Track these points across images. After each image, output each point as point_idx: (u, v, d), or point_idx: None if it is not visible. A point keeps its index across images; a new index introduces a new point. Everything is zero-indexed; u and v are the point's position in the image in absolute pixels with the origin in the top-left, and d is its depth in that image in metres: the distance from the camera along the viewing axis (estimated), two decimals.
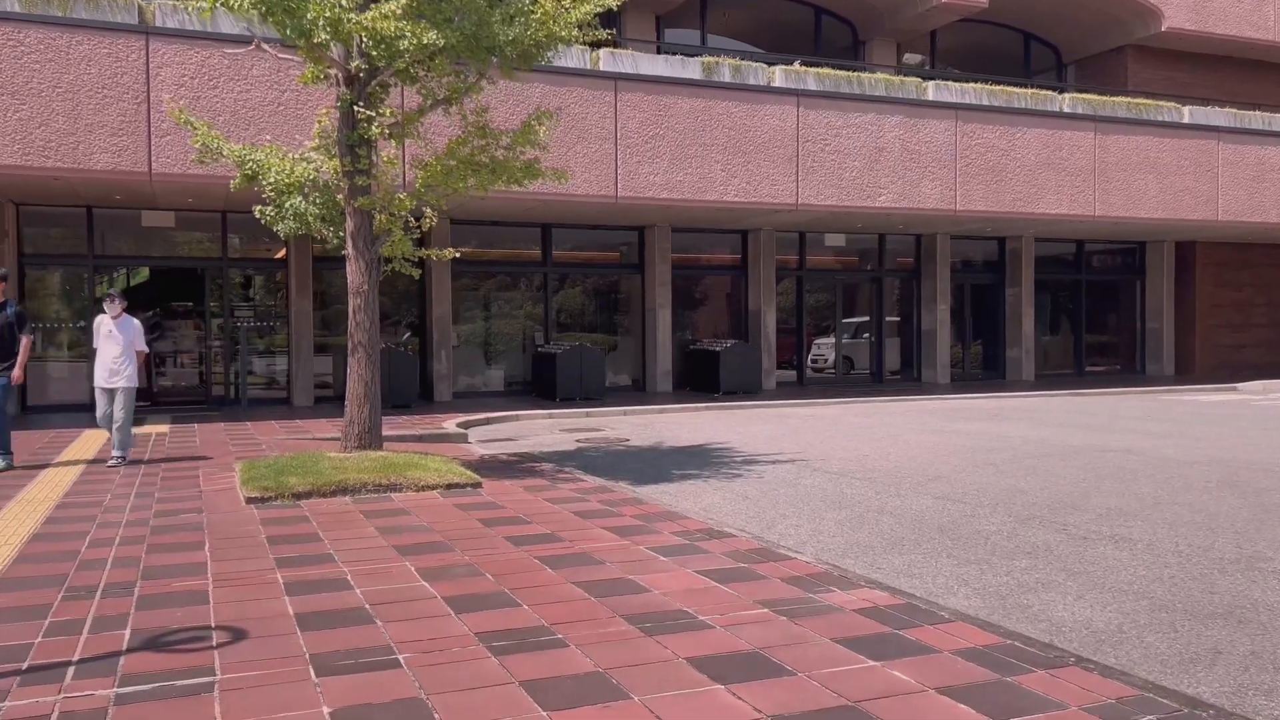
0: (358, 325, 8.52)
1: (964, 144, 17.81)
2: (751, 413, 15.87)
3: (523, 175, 9.14)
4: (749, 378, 18.41)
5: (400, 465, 8.02)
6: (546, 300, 18.63)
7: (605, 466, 10.06)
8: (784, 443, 11.90)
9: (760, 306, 19.61)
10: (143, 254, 16.73)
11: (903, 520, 7.29)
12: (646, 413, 15.88)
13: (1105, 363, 24.32)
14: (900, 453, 10.91)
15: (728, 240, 20.06)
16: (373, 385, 8.58)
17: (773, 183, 16.40)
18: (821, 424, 14.05)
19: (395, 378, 15.91)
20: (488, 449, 11.59)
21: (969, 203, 17.85)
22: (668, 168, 15.69)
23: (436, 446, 11.47)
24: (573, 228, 18.61)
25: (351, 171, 8.41)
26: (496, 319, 18.97)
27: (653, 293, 18.87)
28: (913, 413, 15.65)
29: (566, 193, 15.06)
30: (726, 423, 14.37)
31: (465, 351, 18.54)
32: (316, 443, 11.31)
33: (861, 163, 17.04)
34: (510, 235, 18.64)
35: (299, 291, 16.42)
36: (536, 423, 14.78)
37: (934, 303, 21.27)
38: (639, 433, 13.22)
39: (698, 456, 10.80)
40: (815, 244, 20.74)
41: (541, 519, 6.83)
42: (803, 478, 9.25)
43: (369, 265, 8.55)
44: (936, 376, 21.22)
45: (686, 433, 13.11)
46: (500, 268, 19.00)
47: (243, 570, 5.45)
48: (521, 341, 19.01)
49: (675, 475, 9.43)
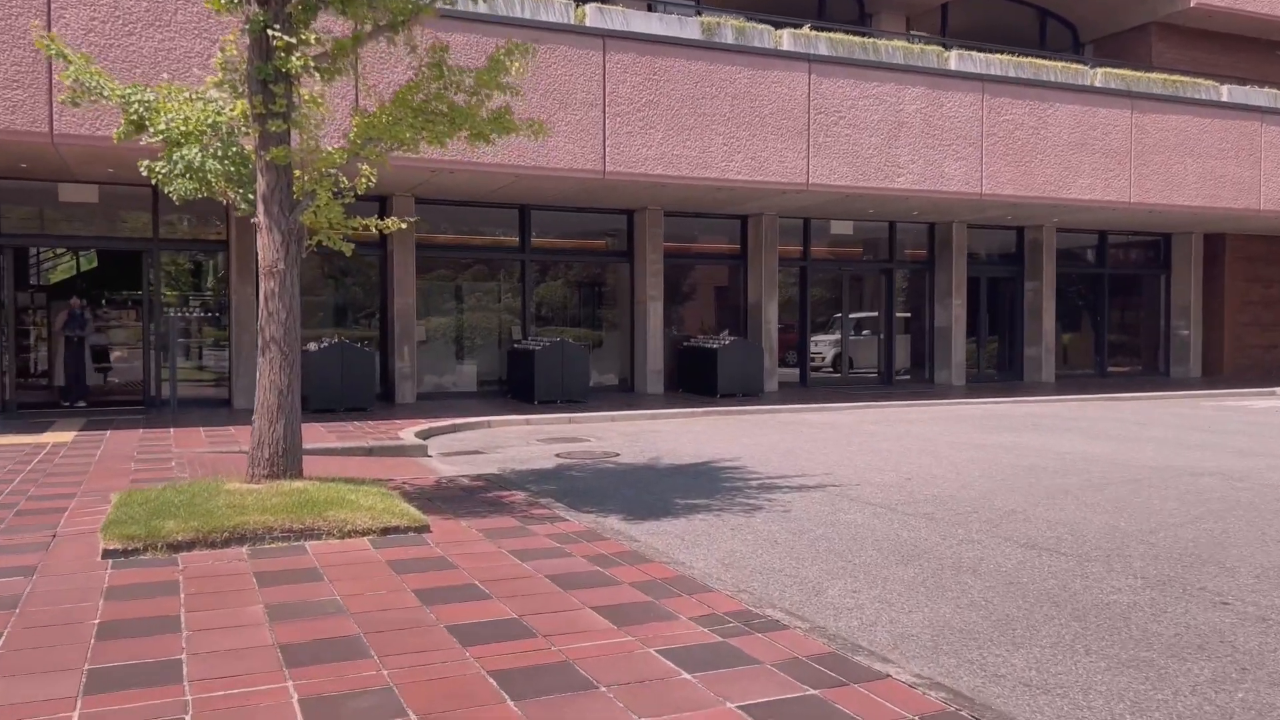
0: (270, 316, 6.54)
1: (991, 120, 15.98)
2: (756, 419, 13.97)
3: (490, 128, 7.19)
4: (749, 378, 16.52)
5: (322, 501, 6.06)
6: (524, 291, 16.67)
7: (592, 494, 8.14)
8: (803, 459, 10.01)
9: (761, 300, 17.72)
10: (60, 234, 14.64)
11: (994, 582, 5.41)
12: (637, 418, 13.96)
13: (1126, 363, 22.59)
14: (947, 474, 9.05)
15: (725, 227, 18.16)
16: (289, 395, 6.61)
17: (781, 159, 14.51)
18: (839, 434, 12.18)
19: (349, 377, 13.92)
20: (450, 466, 9.64)
21: (996, 186, 16.02)
22: (662, 140, 13.76)
23: (386, 464, 9.51)
24: (554, 210, 16.65)
25: (264, 115, 6.43)
26: (469, 311, 17.00)
27: (643, 284, 16.94)
28: (939, 420, 13.81)
29: (546, 166, 13.11)
30: (729, 432, 12.47)
31: (433, 348, 16.55)
32: (242, 458, 9.33)
33: (880, 139, 15.17)
34: (483, 217, 16.66)
35: (241, 277, 14.38)
36: (511, 430, 12.83)
37: (949, 297, 19.45)
38: (629, 444, 11.31)
39: (703, 479, 8.90)
40: (820, 232, 18.87)
41: (505, 589, 4.89)
42: (840, 510, 7.36)
43: (286, 238, 6.57)
44: (951, 377, 19.41)
45: (685, 444, 11.21)
46: (472, 254, 17.02)
47: (18, 698, 3.49)
48: (497, 336, 17.04)
49: (679, 508, 7.52)
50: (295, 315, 6.61)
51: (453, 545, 5.76)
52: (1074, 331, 22.10)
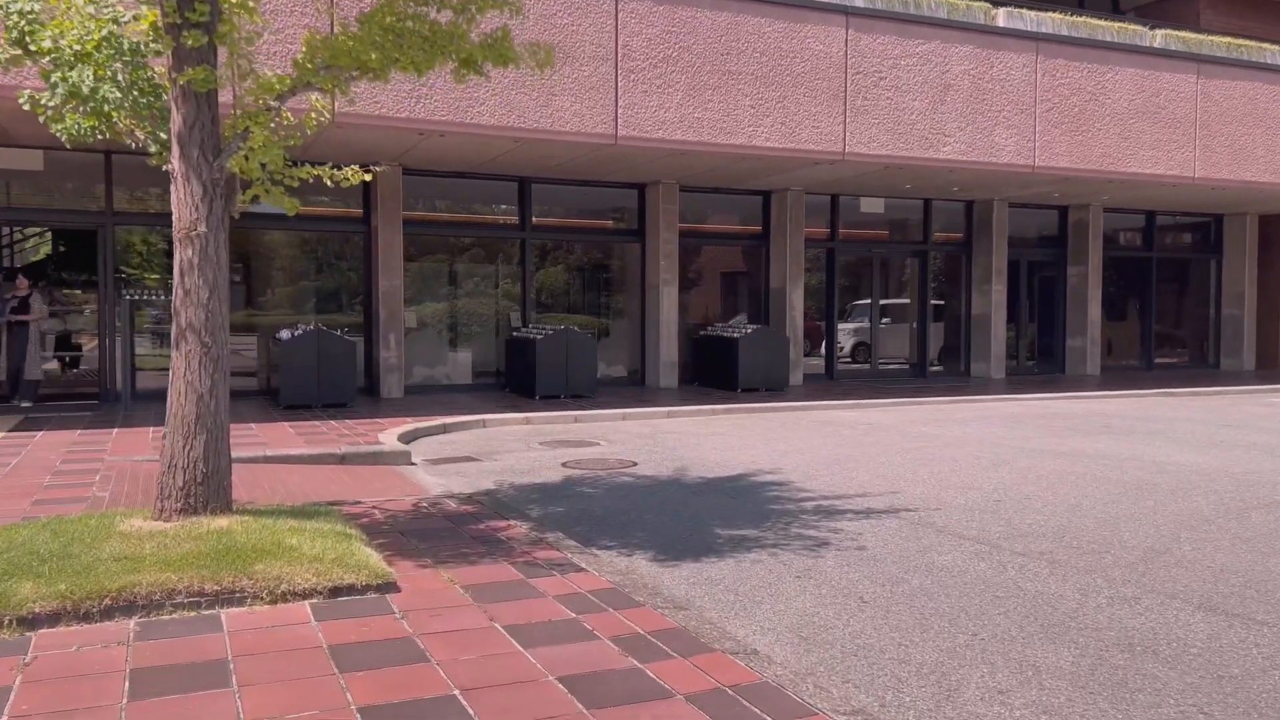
0: (187, 296, 4.90)
1: (1045, 84, 14.31)
2: (786, 418, 12.35)
3: (483, 55, 5.53)
4: (773, 371, 14.90)
5: (250, 549, 4.44)
6: (524, 274, 15.02)
7: (610, 522, 6.53)
8: (856, 470, 8.41)
9: (785, 284, 16.07)
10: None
11: (1197, 677, 3.81)
12: (651, 417, 12.34)
13: (1172, 354, 20.97)
14: (1041, 494, 7.43)
15: (745, 204, 16.49)
16: (213, 401, 4.97)
17: (814, 124, 12.85)
18: (887, 437, 10.57)
19: (327, 368, 12.29)
20: (436, 478, 8.04)
21: (1050, 157, 14.37)
22: (682, 101, 12.10)
23: (359, 476, 7.88)
24: (557, 183, 14.98)
25: (178, 25, 4.78)
26: (463, 296, 15.36)
27: (655, 266, 15.29)
28: (992, 420, 12.19)
29: (551, 129, 11.45)
30: (758, 434, 10.86)
31: (423, 336, 14.92)
32: None
33: (924, 102, 13.51)
34: (480, 192, 15.00)
35: None
36: (509, 431, 11.21)
37: (987, 282, 17.81)
38: (646, 449, 9.70)
39: (744, 498, 7.29)
40: (848, 211, 17.20)
41: (500, 704, 3.28)
42: (930, 548, 5.76)
43: (209, 191, 4.93)
44: (989, 370, 17.79)
45: (710, 449, 9.60)
46: (467, 232, 15.37)
47: None
48: (494, 324, 15.41)
49: (723, 542, 5.91)
50: (222, 295, 4.97)
51: (427, 615, 4.13)
52: (1117, 320, 20.45)
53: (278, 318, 14.11)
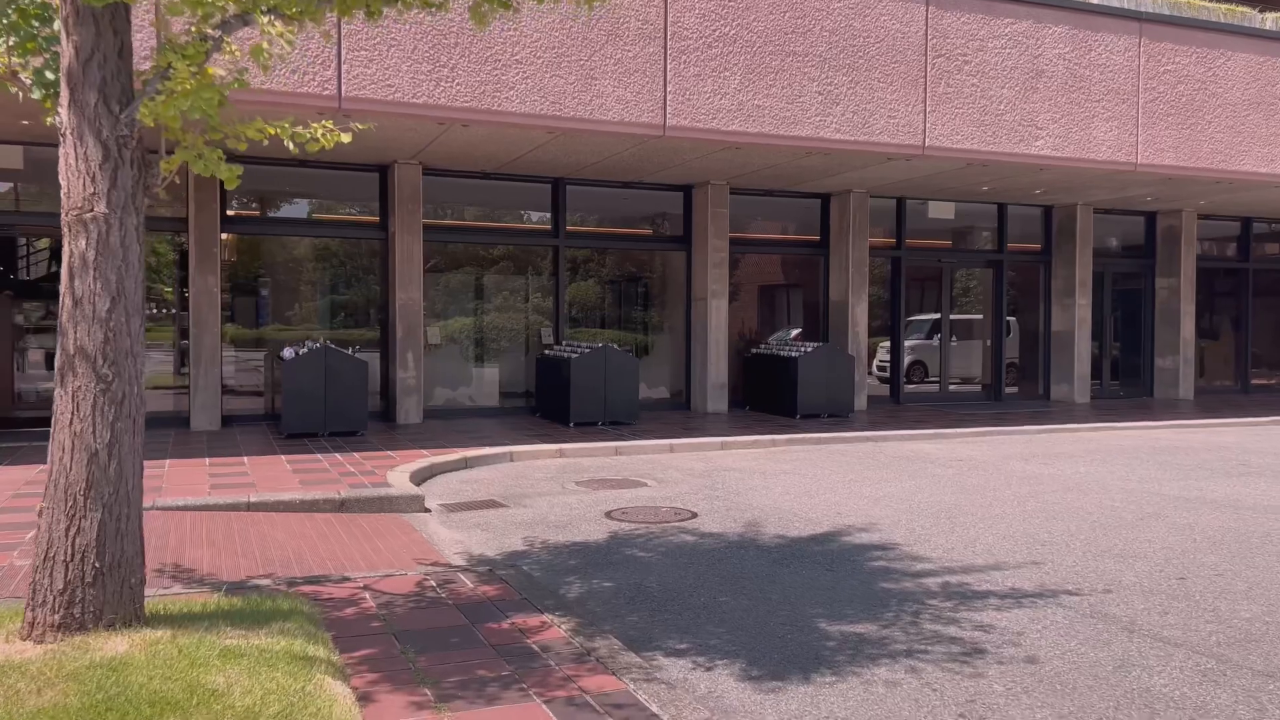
0: (77, 308, 3.37)
1: (1150, 70, 12.60)
2: (861, 452, 10.68)
3: None
4: (836, 394, 13.24)
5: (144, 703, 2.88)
6: (557, 286, 13.48)
7: (674, 608, 4.92)
8: (973, 526, 6.75)
9: (847, 297, 14.43)
10: None
11: None
12: (702, 449, 10.73)
13: (1270, 375, 19.03)
14: (1235, 567, 5.73)
15: (800, 208, 14.89)
16: (112, 463, 3.44)
17: (890, 114, 11.23)
18: (990, 478, 8.89)
19: (336, 391, 10.81)
20: (452, 533, 6.49)
21: (1155, 154, 12.64)
22: (740, 86, 10.53)
23: (358, 529, 6.33)
24: (594, 185, 13.45)
25: None
26: (489, 311, 13.85)
27: (703, 277, 13.71)
28: (1105, 456, 10.46)
29: (590, 117, 9.93)
30: (836, 472, 9.21)
31: (446, 354, 13.42)
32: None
33: (1013, 91, 11.85)
34: (508, 195, 13.50)
35: (201, 263, 11.32)
36: (541, 467, 9.64)
37: (1069, 296, 16.05)
38: (705, 492, 8.09)
39: (844, 571, 5.66)
40: (915, 217, 15.54)
41: None
42: (1128, 661, 4.10)
43: (111, 152, 3.43)
44: (1072, 393, 16.00)
45: (783, 494, 7.97)
46: (494, 239, 13.87)
47: None
48: (523, 341, 13.88)
49: (836, 648, 4.30)
50: (131, 305, 3.46)
51: None
52: (1207, 338, 18.56)
53: (289, 333, 12.68)
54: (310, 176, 12.31)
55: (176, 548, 5.81)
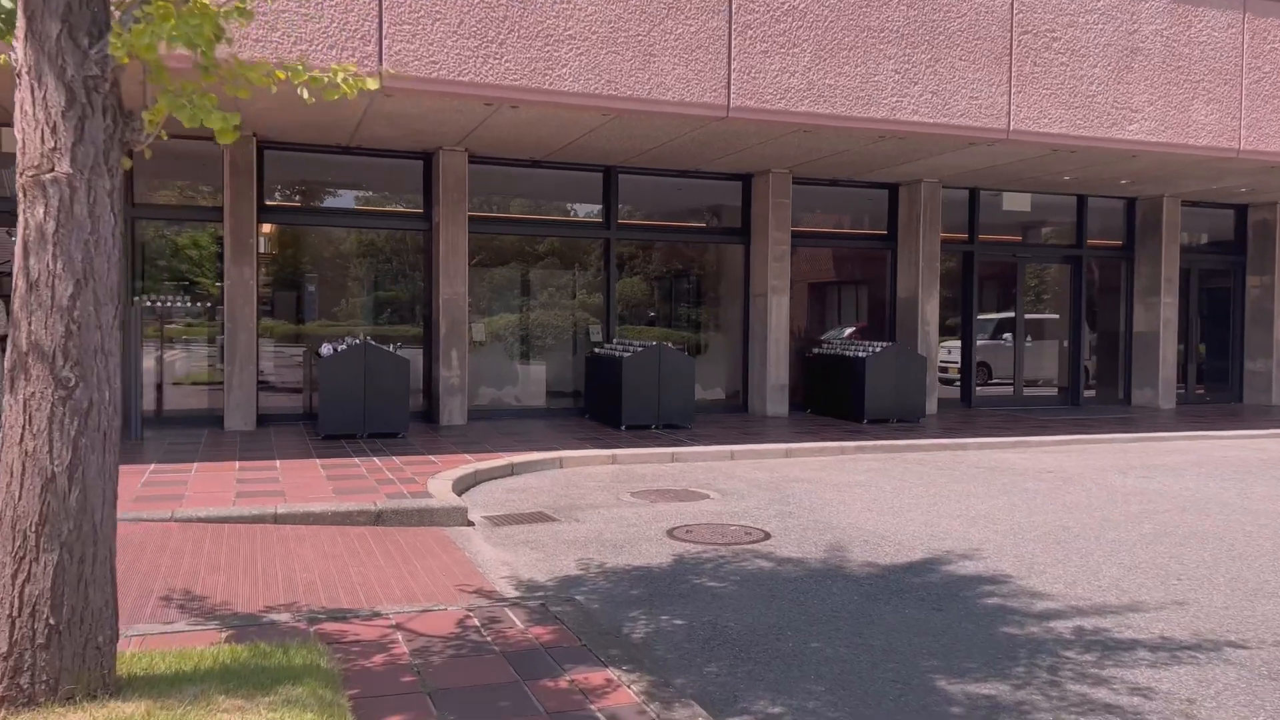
0: (33, 292, 2.70)
1: (1254, 49, 11.55)
2: (940, 461, 9.82)
3: None
4: (906, 398, 12.36)
5: None
6: (608, 280, 12.76)
7: (760, 656, 4.16)
8: (1092, 553, 5.90)
9: (917, 294, 13.54)
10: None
11: None
12: (765, 455, 9.94)
13: None
14: None
15: (863, 200, 14.02)
16: (74, 490, 2.77)
17: (972, 95, 10.34)
18: (1091, 494, 8.00)
19: (376, 390, 10.19)
20: (498, 553, 5.80)
21: (1259, 139, 11.60)
22: (811, 63, 9.72)
23: (395, 547, 5.64)
24: (649, 174, 12.70)
25: None
26: (536, 308, 13.16)
27: (763, 271, 12.91)
28: (1213, 468, 9.49)
29: (649, 97, 9.18)
30: (918, 486, 8.38)
31: (491, 352, 12.76)
32: (159, 531, 5.62)
33: (1106, 70, 10.89)
34: (557, 185, 12.80)
35: (236, 255, 10.77)
36: (592, 474, 8.92)
37: (1154, 294, 14.99)
38: (775, 507, 7.31)
39: (954, 610, 4.85)
40: (989, 209, 14.58)
41: None
42: None
43: (77, 96, 2.76)
44: (1156, 398, 14.95)
45: (863, 509, 7.17)
46: (542, 231, 13.16)
47: None
48: (571, 338, 13.18)
49: (964, 717, 3.50)
50: (103, 293, 2.78)
51: None
52: None
53: (328, 329, 12.11)
54: (352, 165, 11.71)
55: (190, 570, 5.17)
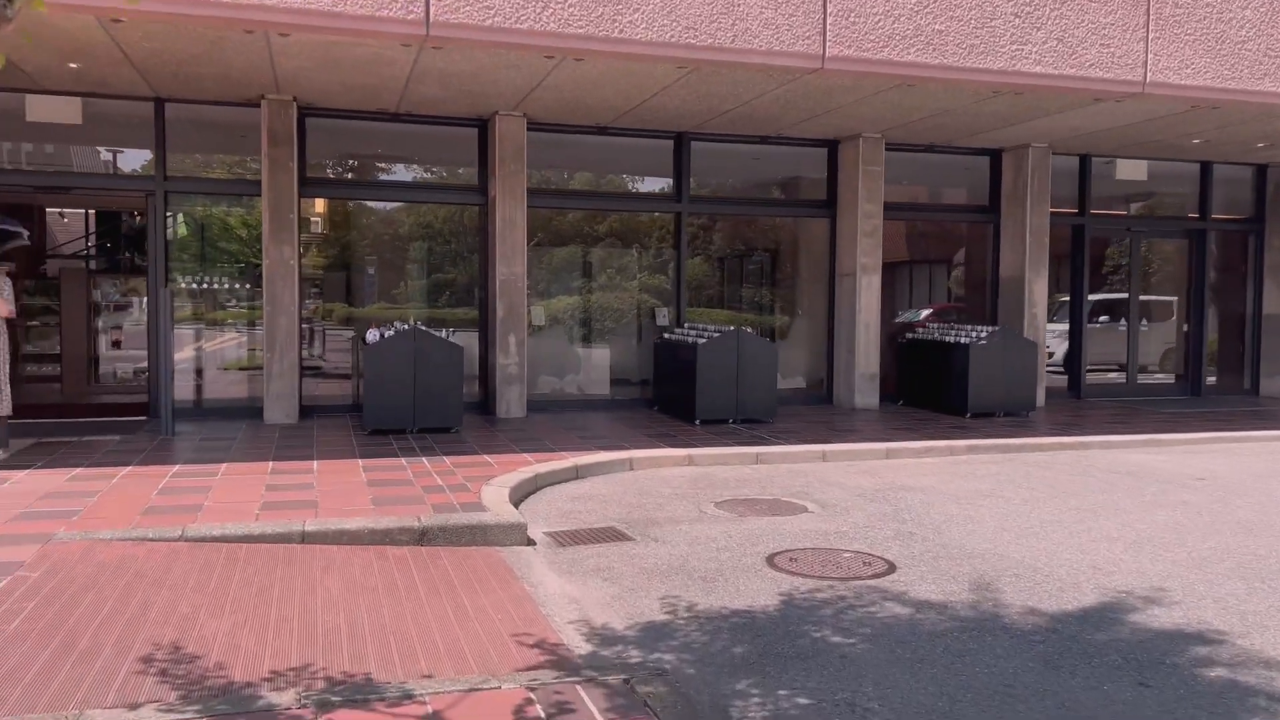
0: None
1: None
2: (1068, 464, 8.53)
3: None
4: (1017, 389, 11.03)
5: None
6: (679, 259, 11.62)
7: None
8: None
9: (1024, 271, 12.16)
10: (22, 169, 10.37)
11: None
12: (862, 456, 8.76)
13: None
14: None
15: (961, 168, 12.65)
16: None
17: (1103, 42, 8.96)
18: (1267, 509, 6.68)
19: (427, 380, 9.23)
20: (563, 585, 4.76)
21: None
22: (918, 6, 8.43)
23: (439, 575, 4.59)
24: (725, 140, 11.51)
25: None
26: (598, 289, 12.08)
27: (851, 248, 11.66)
28: None
29: (733, 46, 7.99)
30: (1053, 496, 7.13)
31: (550, 337, 11.74)
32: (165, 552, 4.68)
33: (1258, 11, 9.41)
34: (623, 155, 11.66)
35: (276, 232, 9.87)
36: (667, 478, 7.83)
37: None
38: (890, 525, 6.14)
39: (1171, 685, 3.66)
40: (1100, 179, 13.10)
41: None
42: None
43: None
44: None
45: (998, 530, 5.97)
46: (607, 205, 12.02)
47: None
48: (635, 322, 12.10)
49: None
50: None
51: None
52: None
53: (378, 313, 11.21)
54: (401, 134, 10.73)
55: (188, 614, 4.19)
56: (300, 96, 9.71)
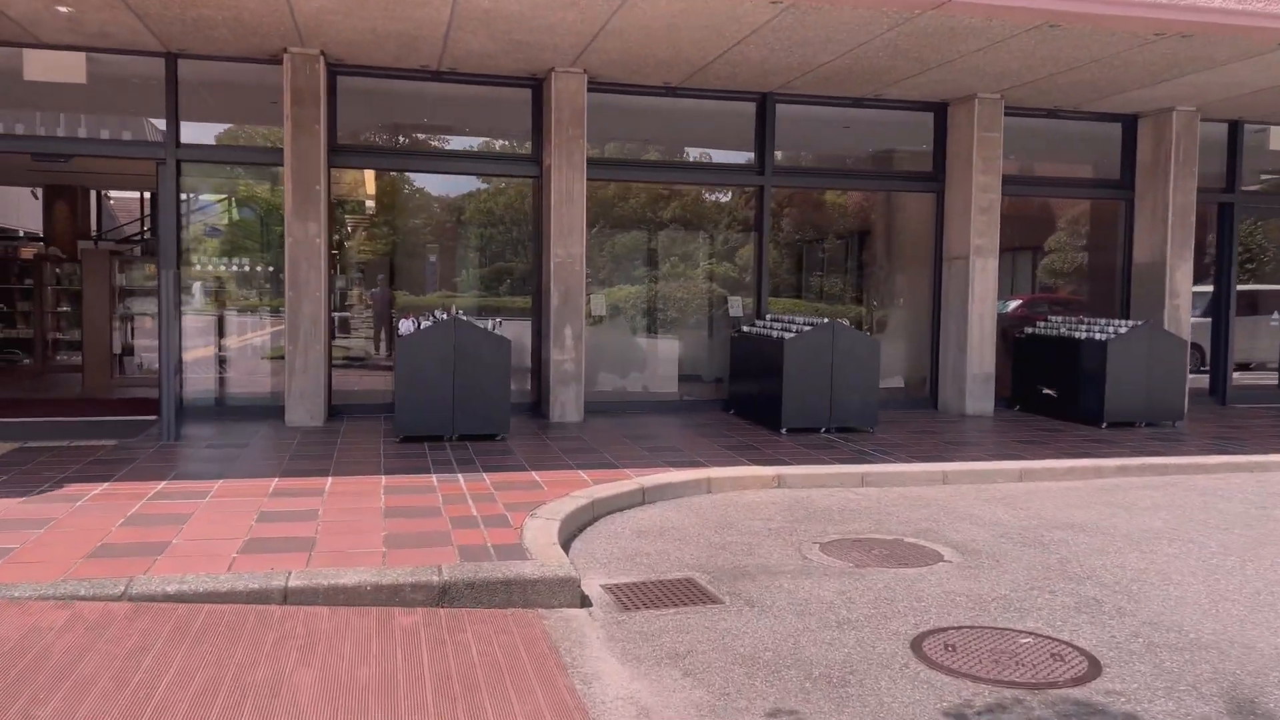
0: None
1: None
2: (1247, 491, 6.84)
3: None
4: (1162, 394, 9.33)
5: None
6: (760, 240, 10.10)
7: None
8: None
9: (1164, 257, 10.41)
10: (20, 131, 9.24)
11: None
12: (992, 479, 7.18)
13: None
14: None
15: (1082, 138, 10.89)
16: None
17: None
18: None
19: (468, 379, 7.88)
20: (624, 679, 3.35)
21: None
22: None
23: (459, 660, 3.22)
24: (812, 103, 9.95)
25: None
26: (664, 277, 10.63)
27: (962, 227, 10.03)
28: None
29: None
30: (1263, 540, 5.50)
31: (610, 329, 10.33)
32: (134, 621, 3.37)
33: None
34: (695, 118, 10.15)
35: (300, 206, 8.59)
36: (753, 504, 6.36)
37: None
38: (1062, 586, 4.60)
39: None
40: (1252, 149, 11.23)
41: None
42: None
43: None
44: None
45: (1212, 595, 4.40)
46: (677, 176, 10.51)
47: None
48: (706, 313, 10.63)
49: None
50: None
51: None
52: None
53: (417, 301, 9.94)
54: (444, 96, 9.40)
55: None
56: (328, 50, 8.41)
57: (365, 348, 10.43)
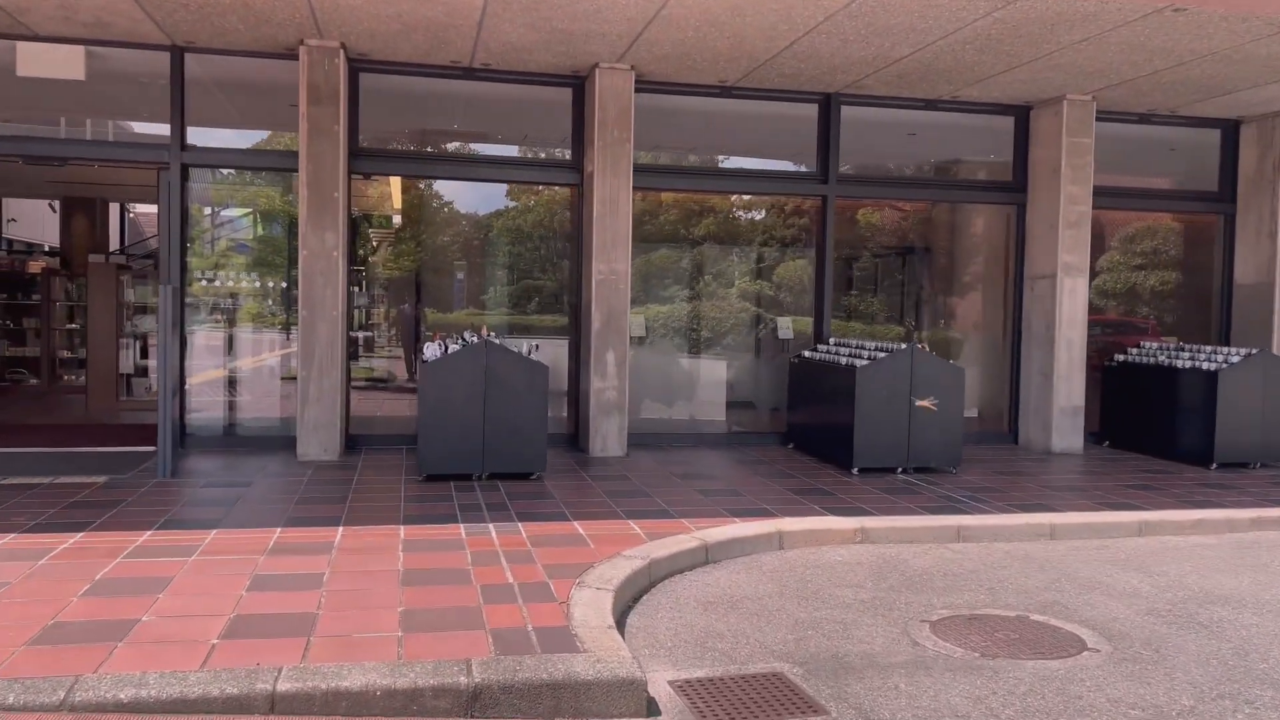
0: None
1: None
2: None
3: None
4: (1276, 432, 8.27)
5: None
6: (822, 255, 9.15)
7: None
8: None
9: (1276, 277, 9.36)
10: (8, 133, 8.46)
11: None
12: (1107, 533, 6.17)
13: None
14: None
15: (1167, 147, 9.87)
16: None
17: None
18: None
19: (501, 409, 6.97)
20: None
21: None
22: None
23: None
24: (879, 104, 9.01)
25: None
26: (711, 295, 9.71)
27: (1048, 243, 9.03)
28: None
29: None
30: None
31: (652, 352, 9.41)
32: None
33: None
34: (751, 121, 9.23)
35: (315, 215, 7.74)
36: (836, 565, 5.39)
37: None
38: (1252, 687, 3.61)
39: None
40: None
41: None
42: None
43: None
44: None
45: None
46: (731, 186, 9.58)
47: None
48: (753, 336, 9.69)
49: None
50: None
51: None
52: None
53: (445, 320, 9.09)
54: (477, 96, 8.56)
55: None
56: (349, 42, 7.58)
57: (389, 368, 9.61)
